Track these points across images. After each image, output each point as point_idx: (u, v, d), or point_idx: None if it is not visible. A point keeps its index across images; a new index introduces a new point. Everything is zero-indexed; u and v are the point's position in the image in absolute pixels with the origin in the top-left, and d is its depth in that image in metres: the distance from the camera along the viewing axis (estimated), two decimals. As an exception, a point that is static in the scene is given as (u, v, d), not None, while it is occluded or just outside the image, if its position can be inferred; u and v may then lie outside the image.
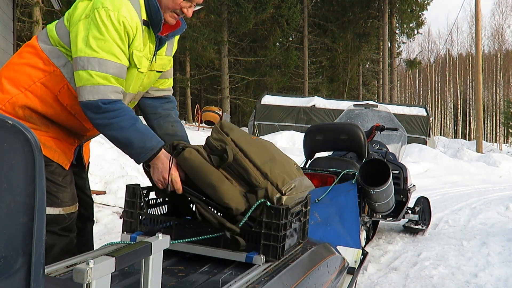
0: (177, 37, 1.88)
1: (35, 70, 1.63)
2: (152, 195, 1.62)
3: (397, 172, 4.05)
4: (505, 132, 35.80)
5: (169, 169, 1.53)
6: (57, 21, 1.71)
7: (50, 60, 1.63)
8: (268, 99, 17.79)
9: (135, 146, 1.55)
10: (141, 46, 1.64)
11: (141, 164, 1.60)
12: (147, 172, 1.61)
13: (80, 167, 1.91)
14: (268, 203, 1.42)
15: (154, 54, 1.73)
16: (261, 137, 14.45)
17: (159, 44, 1.72)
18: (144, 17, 1.63)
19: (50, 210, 1.65)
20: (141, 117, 1.84)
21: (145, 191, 1.56)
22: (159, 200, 1.65)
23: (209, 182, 1.45)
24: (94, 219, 2.08)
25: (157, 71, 1.81)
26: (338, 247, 2.14)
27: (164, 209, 1.67)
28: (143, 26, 1.64)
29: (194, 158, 1.48)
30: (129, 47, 1.60)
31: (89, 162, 2.02)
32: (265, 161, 1.50)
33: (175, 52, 1.95)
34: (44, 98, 1.63)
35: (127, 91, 1.69)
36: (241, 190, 1.45)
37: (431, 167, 11.70)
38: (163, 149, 1.57)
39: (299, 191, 1.54)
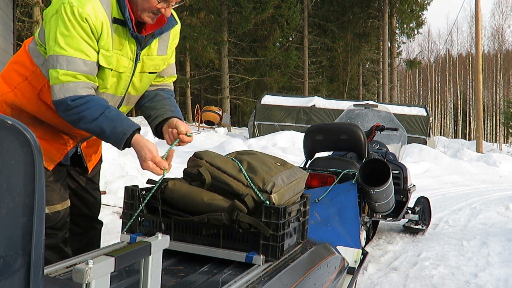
0: (174, 35, 1.81)
1: (23, 68, 1.65)
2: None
3: (397, 172, 4.05)
4: (505, 132, 35.80)
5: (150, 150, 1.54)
6: None
7: (32, 59, 1.64)
8: (268, 99, 17.78)
9: (107, 133, 1.55)
10: (109, 45, 1.59)
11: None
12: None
13: (81, 167, 1.90)
14: (267, 202, 1.42)
15: (137, 54, 1.67)
16: (261, 137, 14.39)
17: (139, 43, 1.67)
18: (116, 15, 1.59)
19: None
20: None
21: (143, 193, 1.55)
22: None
23: (201, 202, 1.45)
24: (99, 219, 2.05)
25: (150, 73, 1.76)
26: (338, 247, 2.13)
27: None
28: (115, 25, 1.59)
29: (180, 186, 1.50)
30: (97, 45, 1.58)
31: (99, 162, 2.00)
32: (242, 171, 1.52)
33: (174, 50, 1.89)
34: (30, 97, 1.64)
35: (103, 91, 1.66)
36: (230, 203, 1.45)
37: (431, 167, 11.70)
38: (139, 134, 1.57)
39: (286, 184, 1.53)
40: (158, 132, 1.76)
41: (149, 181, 1.58)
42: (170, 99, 1.84)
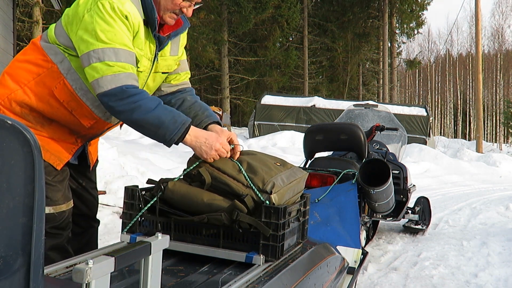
0: (183, 36, 1.85)
1: (35, 66, 1.63)
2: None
3: (397, 172, 4.05)
4: (505, 132, 35.81)
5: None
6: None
7: (48, 56, 1.63)
8: (268, 99, 17.79)
9: (166, 123, 1.51)
10: (142, 45, 1.63)
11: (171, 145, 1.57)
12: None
13: (84, 166, 1.90)
14: (267, 202, 1.43)
15: (155, 55, 1.71)
16: (261, 137, 14.39)
17: (159, 44, 1.71)
18: (143, 16, 1.63)
19: None
20: None
21: (143, 193, 1.55)
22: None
23: (201, 202, 1.45)
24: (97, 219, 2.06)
25: (163, 73, 1.80)
26: (338, 247, 2.14)
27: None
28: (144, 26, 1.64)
29: (179, 187, 1.49)
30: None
31: (96, 162, 2.00)
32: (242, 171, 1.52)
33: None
34: (41, 95, 1.63)
35: None
36: (230, 203, 1.45)
37: (431, 167, 11.70)
38: (193, 126, 1.58)
39: (286, 184, 1.54)
40: None
41: (149, 181, 1.58)
42: (198, 101, 1.85)
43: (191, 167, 1.55)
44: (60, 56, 1.62)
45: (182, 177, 1.56)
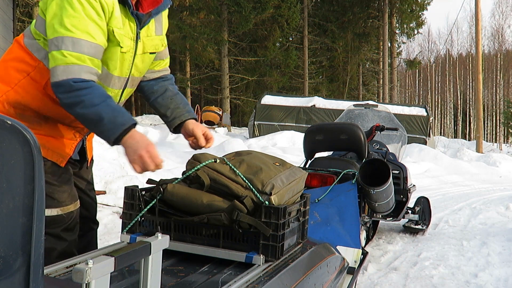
0: (165, 15, 1.82)
1: (23, 64, 1.61)
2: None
3: (397, 172, 4.05)
4: (505, 132, 35.81)
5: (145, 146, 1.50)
6: None
7: (32, 54, 1.61)
8: (268, 99, 17.78)
9: (105, 121, 1.48)
10: (121, 24, 1.59)
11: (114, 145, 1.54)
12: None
13: (81, 167, 1.89)
14: (267, 203, 1.42)
15: (137, 33, 1.67)
16: (261, 137, 14.35)
17: (139, 22, 1.67)
18: None
19: (48, 212, 1.62)
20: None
21: (143, 193, 1.55)
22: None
23: (201, 203, 1.45)
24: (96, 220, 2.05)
25: (151, 53, 1.78)
26: (338, 247, 2.14)
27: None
28: (120, 4, 1.60)
29: (179, 189, 1.49)
30: (107, 24, 1.56)
31: (92, 160, 1.99)
32: (241, 173, 1.52)
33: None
34: (33, 93, 1.61)
35: (113, 73, 1.65)
36: (230, 204, 1.45)
37: (431, 167, 11.70)
38: (136, 129, 1.54)
39: (286, 185, 1.53)
40: (176, 132, 1.85)
41: (149, 181, 1.57)
42: (179, 94, 1.89)
43: (191, 171, 1.54)
44: (43, 52, 1.60)
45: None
